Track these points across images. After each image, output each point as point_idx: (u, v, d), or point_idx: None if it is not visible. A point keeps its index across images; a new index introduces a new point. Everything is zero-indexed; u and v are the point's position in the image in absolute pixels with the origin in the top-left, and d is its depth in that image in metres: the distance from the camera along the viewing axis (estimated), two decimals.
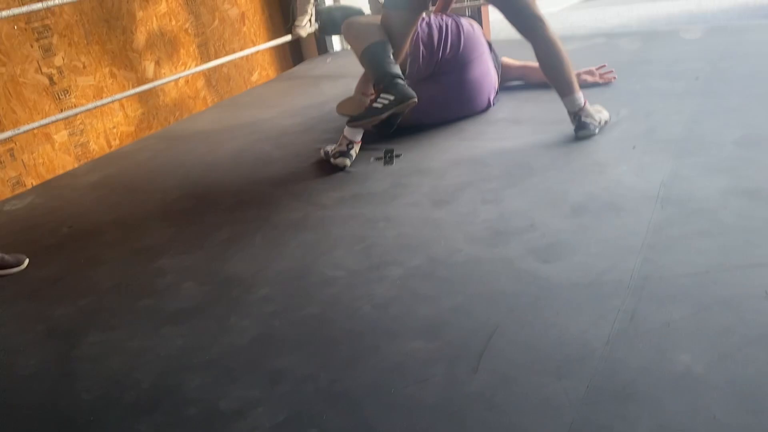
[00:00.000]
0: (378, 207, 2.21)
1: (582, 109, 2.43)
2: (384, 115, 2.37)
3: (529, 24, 2.40)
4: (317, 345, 1.53)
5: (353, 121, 2.48)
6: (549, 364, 1.32)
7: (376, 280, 1.75)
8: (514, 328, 1.46)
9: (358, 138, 2.63)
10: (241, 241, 2.14)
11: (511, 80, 3.18)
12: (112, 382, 1.52)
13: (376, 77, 2.42)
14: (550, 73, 2.46)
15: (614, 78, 2.99)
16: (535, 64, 2.68)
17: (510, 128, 2.69)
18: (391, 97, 2.36)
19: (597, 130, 2.46)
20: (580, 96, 2.44)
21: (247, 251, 2.06)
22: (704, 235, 1.68)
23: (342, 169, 2.58)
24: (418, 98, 2.62)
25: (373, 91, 2.50)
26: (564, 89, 2.44)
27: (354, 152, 2.62)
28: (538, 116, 2.74)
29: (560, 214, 1.92)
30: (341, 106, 2.59)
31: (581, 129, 2.43)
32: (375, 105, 2.39)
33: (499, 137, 2.62)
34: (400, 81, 2.39)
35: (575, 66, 2.97)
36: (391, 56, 2.46)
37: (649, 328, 1.37)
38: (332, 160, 2.60)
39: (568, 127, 2.55)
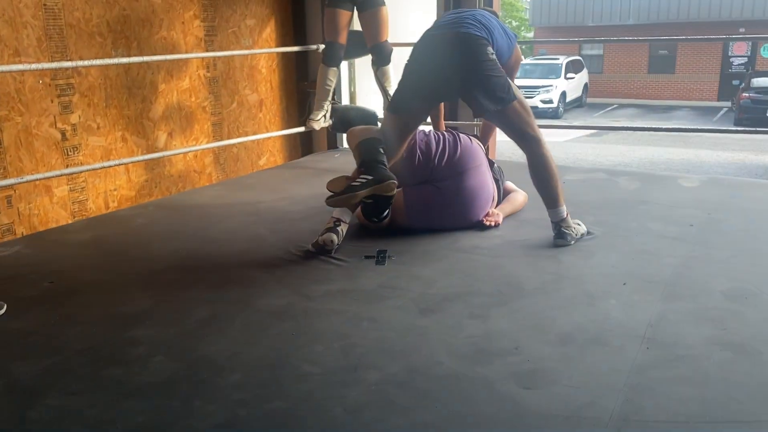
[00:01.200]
0: (364, 306, 2.19)
1: (563, 220, 2.69)
2: (360, 193, 2.47)
3: (525, 142, 2.68)
4: None
5: (331, 198, 2.54)
6: None
7: (352, 382, 1.70)
8: None
9: (347, 219, 2.68)
10: (220, 321, 2.10)
11: None
12: None
13: (362, 161, 2.55)
14: (539, 186, 2.73)
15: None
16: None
17: (505, 246, 2.72)
18: (370, 177, 2.48)
19: (573, 242, 2.68)
20: (564, 209, 2.70)
21: (224, 333, 2.02)
22: (687, 384, 1.66)
23: (330, 246, 2.60)
24: (415, 202, 2.68)
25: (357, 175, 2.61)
26: (550, 201, 2.71)
27: (342, 230, 2.65)
28: (534, 239, 2.77)
29: (546, 341, 1.90)
30: (331, 183, 2.64)
31: (559, 237, 2.68)
32: (353, 184, 2.49)
33: (493, 254, 2.64)
34: (381, 165, 2.52)
35: (575, 196, 3.05)
36: (383, 150, 2.59)
37: None
38: (319, 237, 2.62)
39: (563, 255, 2.58)
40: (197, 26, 4.22)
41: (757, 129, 4.18)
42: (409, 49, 2.77)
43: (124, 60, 3.49)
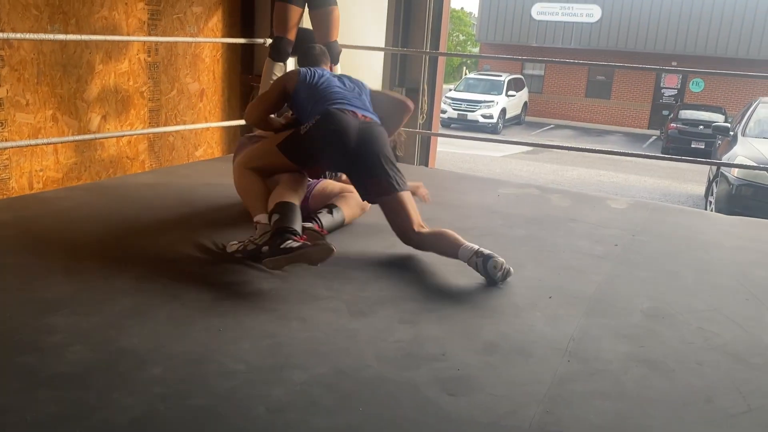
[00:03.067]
0: (294, 305, 2.16)
1: (477, 251, 2.45)
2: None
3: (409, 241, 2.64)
4: None
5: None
6: None
7: (277, 381, 1.68)
8: None
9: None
10: (144, 312, 2.04)
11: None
12: None
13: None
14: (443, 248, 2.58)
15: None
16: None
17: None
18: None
19: (502, 271, 2.44)
20: (469, 245, 2.48)
21: (148, 325, 1.96)
22: (604, 397, 1.72)
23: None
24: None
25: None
26: (454, 249, 2.50)
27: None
28: None
29: (472, 349, 1.93)
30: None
31: (490, 258, 2.41)
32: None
33: (427, 260, 2.66)
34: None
35: (507, 209, 3.11)
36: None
37: None
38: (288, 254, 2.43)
39: None
40: (141, 9, 4.10)
41: (683, 158, 4.39)
42: (359, 52, 2.79)
43: (61, 37, 3.34)
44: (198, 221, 3.00)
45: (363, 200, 2.83)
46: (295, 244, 2.30)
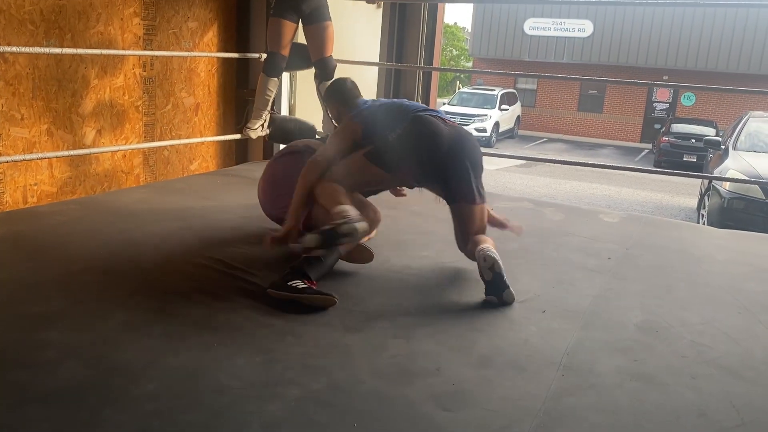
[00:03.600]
0: (289, 320, 2.16)
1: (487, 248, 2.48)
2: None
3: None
4: None
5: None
6: None
7: (271, 398, 1.68)
8: None
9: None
10: (138, 328, 2.03)
11: None
12: None
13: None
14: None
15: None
16: None
17: (434, 268, 2.76)
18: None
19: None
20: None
21: (142, 341, 1.95)
22: (598, 411, 1.72)
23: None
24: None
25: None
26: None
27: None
28: (461, 262, 2.81)
29: (466, 363, 1.94)
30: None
31: (482, 251, 2.45)
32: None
33: (421, 275, 2.67)
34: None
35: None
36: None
37: None
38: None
39: None
40: (137, 24, 4.12)
41: (675, 171, 4.42)
42: (353, 67, 2.79)
43: (56, 50, 3.35)
44: (192, 236, 2.99)
45: (449, 203, 2.76)
46: (301, 286, 2.31)
